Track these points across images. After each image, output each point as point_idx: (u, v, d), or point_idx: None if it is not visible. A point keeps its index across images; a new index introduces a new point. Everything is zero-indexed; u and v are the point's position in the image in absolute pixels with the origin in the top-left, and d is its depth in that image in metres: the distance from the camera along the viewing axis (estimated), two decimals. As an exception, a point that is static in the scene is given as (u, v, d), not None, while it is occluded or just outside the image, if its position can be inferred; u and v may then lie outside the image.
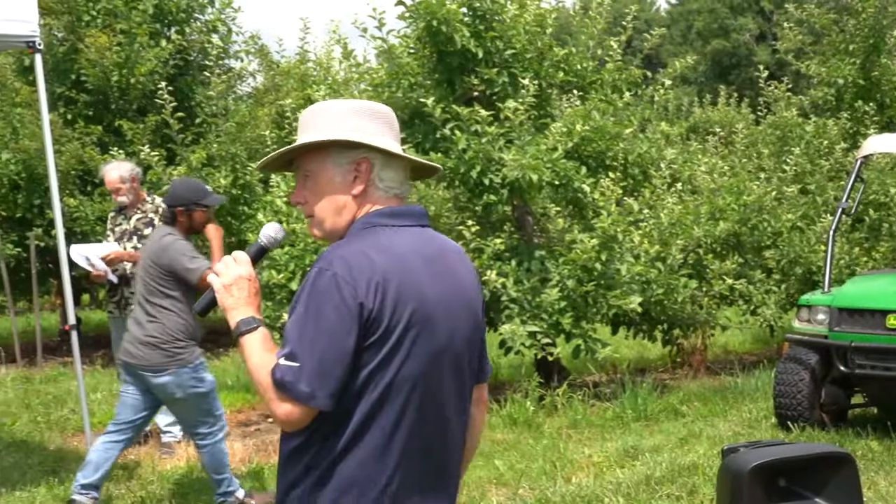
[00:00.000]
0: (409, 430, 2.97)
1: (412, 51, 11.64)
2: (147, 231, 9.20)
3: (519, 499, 7.66)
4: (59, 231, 7.94)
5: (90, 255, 9.02)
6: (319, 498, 2.93)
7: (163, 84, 12.47)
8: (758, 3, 49.70)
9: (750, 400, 10.72)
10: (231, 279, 3.06)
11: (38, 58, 7.74)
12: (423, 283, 2.98)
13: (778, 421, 9.61)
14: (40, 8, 8.18)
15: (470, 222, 10.49)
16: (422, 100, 10.67)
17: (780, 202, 13.47)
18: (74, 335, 7.88)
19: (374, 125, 3.10)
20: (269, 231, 3.25)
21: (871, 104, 15.86)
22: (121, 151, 12.76)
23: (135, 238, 9.26)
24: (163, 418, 9.27)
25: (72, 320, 7.87)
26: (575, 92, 11.66)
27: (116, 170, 9.40)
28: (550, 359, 10.45)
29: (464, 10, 11.07)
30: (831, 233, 10.21)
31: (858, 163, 10.63)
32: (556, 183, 10.71)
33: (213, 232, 7.38)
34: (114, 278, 9.06)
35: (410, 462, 2.99)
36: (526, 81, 10.59)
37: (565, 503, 7.38)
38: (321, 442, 2.92)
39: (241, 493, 7.52)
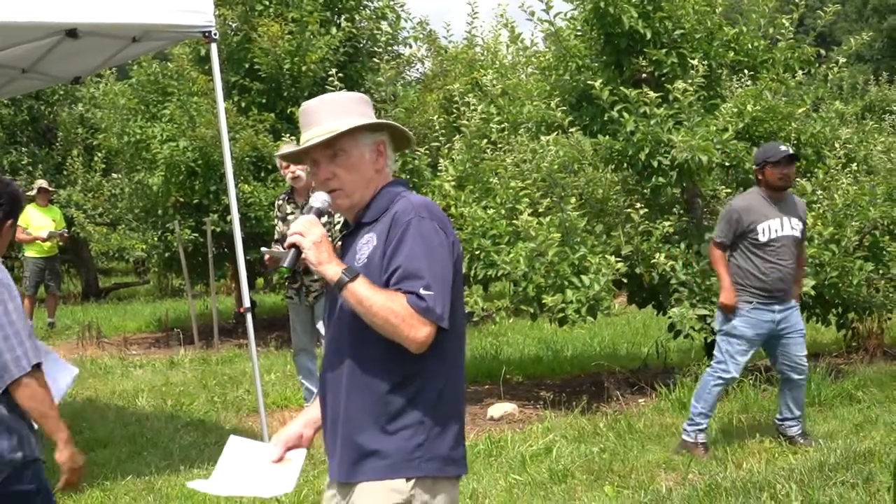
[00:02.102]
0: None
1: (579, 33, 11.59)
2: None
3: (688, 484, 7.58)
4: (235, 216, 8.11)
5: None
6: (436, 418, 3.46)
7: (333, 71, 12.60)
8: (938, -24, 48.02)
9: (929, 386, 10.41)
10: (318, 237, 3.47)
11: (213, 47, 7.92)
12: None
13: (960, 407, 9.33)
14: (215, -1, 8.36)
15: (638, 205, 10.42)
16: (589, 82, 10.64)
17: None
18: (249, 318, 8.06)
19: (372, 111, 3.76)
20: (322, 196, 3.67)
21: None
22: (293, 138, 12.96)
23: None
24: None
25: (247, 303, 8.04)
26: (745, 72, 11.46)
27: (293, 146, 9.60)
28: (720, 342, 10.31)
29: (631, -10, 10.97)
30: None
31: None
32: (727, 164, 10.57)
33: None
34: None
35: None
36: (695, 62, 10.44)
37: (736, 489, 7.27)
38: (425, 370, 3.43)
39: (795, 430, 8.64)
